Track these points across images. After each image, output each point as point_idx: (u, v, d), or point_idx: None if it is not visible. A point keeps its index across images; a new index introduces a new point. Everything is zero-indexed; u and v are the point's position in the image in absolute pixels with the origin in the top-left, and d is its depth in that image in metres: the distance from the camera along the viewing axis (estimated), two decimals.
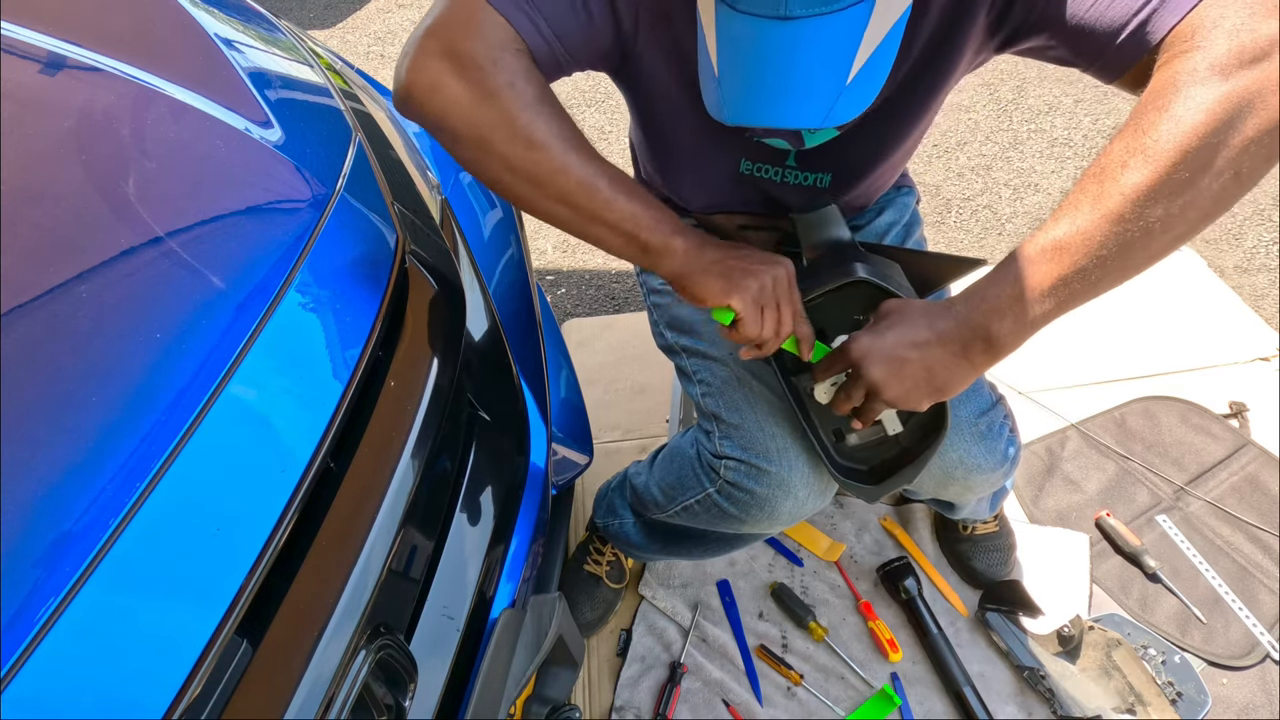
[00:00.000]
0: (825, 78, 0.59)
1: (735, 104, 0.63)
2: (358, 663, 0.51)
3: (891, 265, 0.81)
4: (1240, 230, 1.92)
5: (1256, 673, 1.18)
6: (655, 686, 1.20)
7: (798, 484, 0.86)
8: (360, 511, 0.56)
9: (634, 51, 0.75)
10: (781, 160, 0.86)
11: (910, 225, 1.03)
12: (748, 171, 0.88)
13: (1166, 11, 0.57)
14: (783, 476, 0.86)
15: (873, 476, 0.83)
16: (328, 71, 0.99)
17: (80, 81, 0.77)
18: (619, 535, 1.17)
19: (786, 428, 0.87)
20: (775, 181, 0.88)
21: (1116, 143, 0.58)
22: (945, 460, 0.87)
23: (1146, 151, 0.55)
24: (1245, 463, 1.42)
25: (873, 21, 0.57)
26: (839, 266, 0.78)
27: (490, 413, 0.83)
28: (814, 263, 0.84)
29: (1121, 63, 0.62)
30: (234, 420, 0.52)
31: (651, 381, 1.66)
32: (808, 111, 0.61)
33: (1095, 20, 0.61)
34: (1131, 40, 0.60)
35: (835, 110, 0.61)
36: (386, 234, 0.72)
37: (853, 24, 0.56)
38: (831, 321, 0.79)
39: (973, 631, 1.24)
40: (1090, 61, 0.64)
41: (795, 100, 0.60)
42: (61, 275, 0.55)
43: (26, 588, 0.40)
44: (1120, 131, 0.58)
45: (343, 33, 3.06)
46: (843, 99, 0.61)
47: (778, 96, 0.61)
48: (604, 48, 0.73)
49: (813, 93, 0.60)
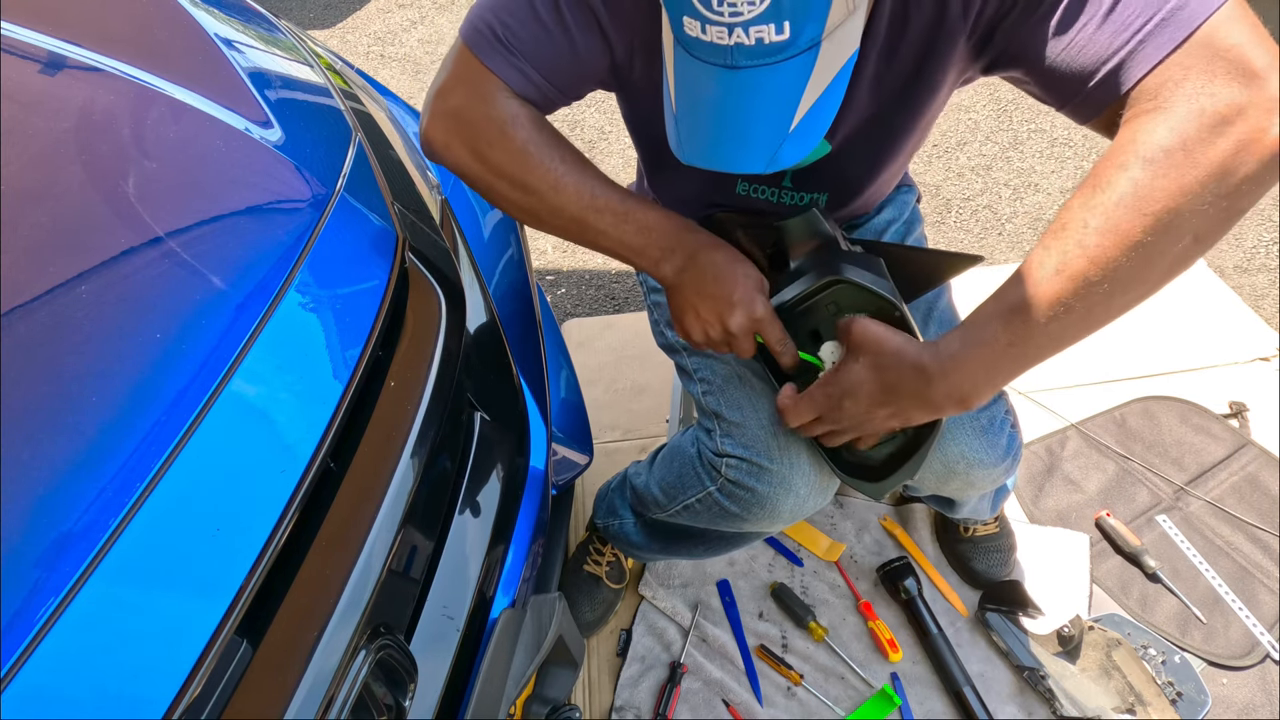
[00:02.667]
0: (768, 125, 0.60)
1: (689, 144, 0.64)
2: (358, 663, 0.51)
3: (875, 262, 0.80)
4: (1240, 230, 1.92)
5: (1256, 673, 1.18)
6: (655, 686, 1.20)
7: (799, 482, 0.86)
8: (360, 511, 0.56)
9: (630, 79, 0.78)
10: (778, 181, 0.88)
11: (910, 223, 1.03)
12: (744, 192, 0.90)
13: (1135, 64, 0.57)
14: (784, 474, 0.86)
15: (874, 473, 0.82)
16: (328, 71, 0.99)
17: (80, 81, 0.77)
18: (619, 535, 1.17)
19: None
20: (772, 201, 0.89)
21: (1077, 199, 0.59)
22: (947, 455, 0.87)
23: (1107, 212, 0.56)
24: (1245, 463, 1.42)
25: (816, 71, 0.57)
26: (822, 267, 0.78)
27: (490, 413, 0.83)
28: (800, 264, 0.84)
29: (1091, 109, 0.62)
30: (234, 420, 0.52)
31: (651, 381, 1.66)
32: (751, 157, 0.62)
33: (1069, 64, 0.61)
34: (1101, 88, 0.60)
35: (779, 156, 0.61)
36: (386, 234, 0.72)
37: (795, 74, 0.57)
38: (823, 320, 0.79)
39: (973, 631, 1.24)
40: (1063, 103, 0.65)
41: (739, 146, 0.61)
42: (61, 275, 0.55)
43: (27, 587, 0.40)
44: (1081, 187, 0.59)
45: (343, 33, 3.06)
46: (786, 145, 0.61)
47: (724, 142, 0.62)
48: (598, 76, 0.78)
49: (756, 139, 0.61)
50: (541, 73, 0.73)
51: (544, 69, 0.73)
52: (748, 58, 0.56)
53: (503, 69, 0.72)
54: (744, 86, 0.58)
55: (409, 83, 2.74)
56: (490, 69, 0.71)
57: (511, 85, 0.72)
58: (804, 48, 0.56)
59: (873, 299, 0.76)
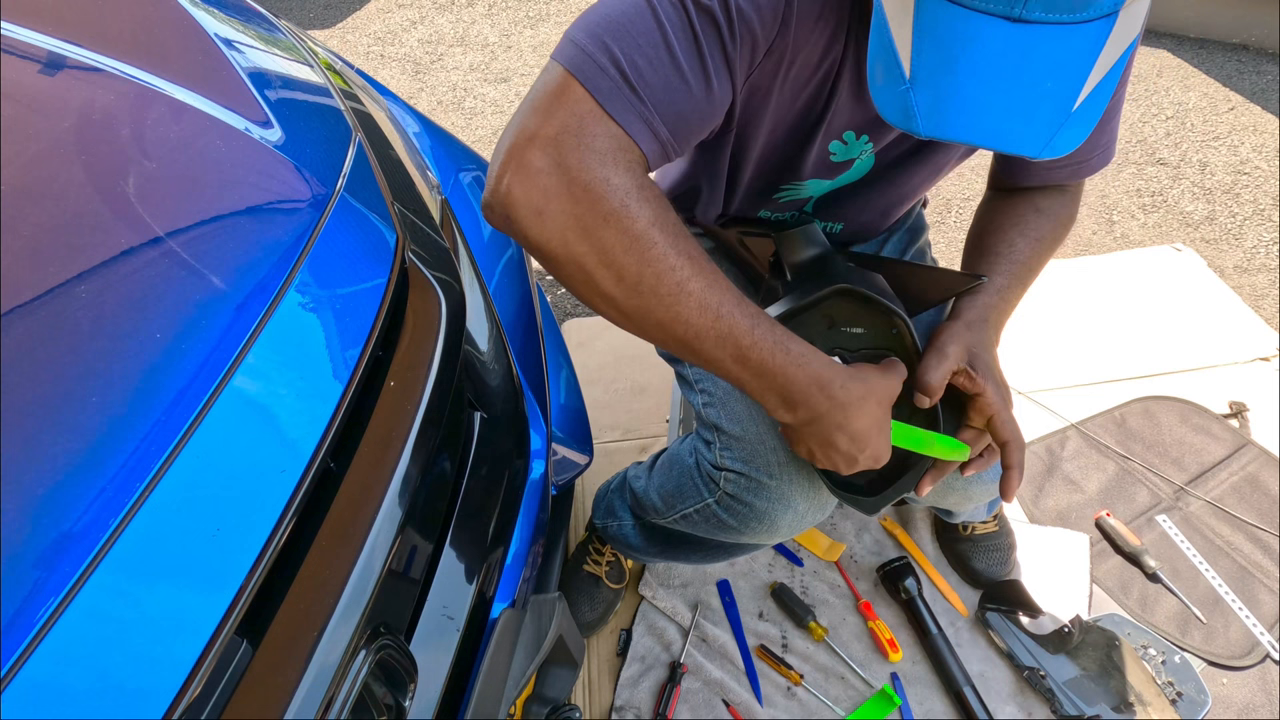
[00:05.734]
0: (1055, 98, 0.51)
1: (935, 114, 0.53)
2: (358, 663, 0.51)
3: (874, 276, 0.80)
4: (1240, 230, 1.92)
5: (1256, 673, 1.18)
6: (655, 686, 1.20)
7: (798, 498, 0.85)
8: (360, 511, 0.56)
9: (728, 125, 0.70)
10: (800, 208, 0.89)
11: (915, 230, 1.03)
12: (766, 215, 0.91)
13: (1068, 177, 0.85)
14: (783, 490, 0.85)
15: (869, 488, 0.82)
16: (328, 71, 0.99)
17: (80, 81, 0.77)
18: (618, 537, 1.17)
19: None
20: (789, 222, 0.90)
21: None
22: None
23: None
24: (1245, 463, 1.42)
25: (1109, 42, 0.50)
26: (821, 280, 0.77)
27: (490, 413, 0.83)
28: (797, 276, 0.84)
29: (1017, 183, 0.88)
30: (234, 420, 0.52)
31: (651, 381, 1.66)
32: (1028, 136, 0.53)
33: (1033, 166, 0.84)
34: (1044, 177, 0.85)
35: (1056, 140, 0.53)
36: (386, 234, 0.72)
37: (1091, 41, 0.49)
38: (818, 333, 0.78)
39: (973, 631, 1.24)
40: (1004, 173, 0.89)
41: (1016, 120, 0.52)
42: (61, 275, 0.55)
43: (26, 588, 0.40)
44: None
45: (343, 33, 3.06)
46: (1066, 127, 0.53)
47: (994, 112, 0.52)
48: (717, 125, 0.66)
49: (1037, 114, 0.52)
50: (669, 127, 0.59)
51: (671, 122, 0.59)
52: (1043, 9, 0.47)
53: (632, 123, 0.56)
54: (1034, 45, 0.49)
55: (409, 83, 2.75)
56: (615, 119, 0.56)
57: (639, 141, 0.57)
58: (1106, 11, 0.48)
59: (871, 310, 0.76)
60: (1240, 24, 2.49)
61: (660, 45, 0.56)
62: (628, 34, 0.56)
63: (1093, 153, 0.81)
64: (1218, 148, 2.17)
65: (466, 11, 3.10)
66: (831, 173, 0.82)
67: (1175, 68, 2.47)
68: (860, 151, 0.79)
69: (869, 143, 0.78)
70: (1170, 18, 2.58)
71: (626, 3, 0.57)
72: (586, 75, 0.56)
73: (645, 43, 0.56)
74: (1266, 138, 2.17)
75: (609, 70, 0.56)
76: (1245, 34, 2.50)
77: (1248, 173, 2.08)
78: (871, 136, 0.77)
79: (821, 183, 0.83)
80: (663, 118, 0.58)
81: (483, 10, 3.10)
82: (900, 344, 0.76)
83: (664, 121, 0.58)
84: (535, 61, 2.80)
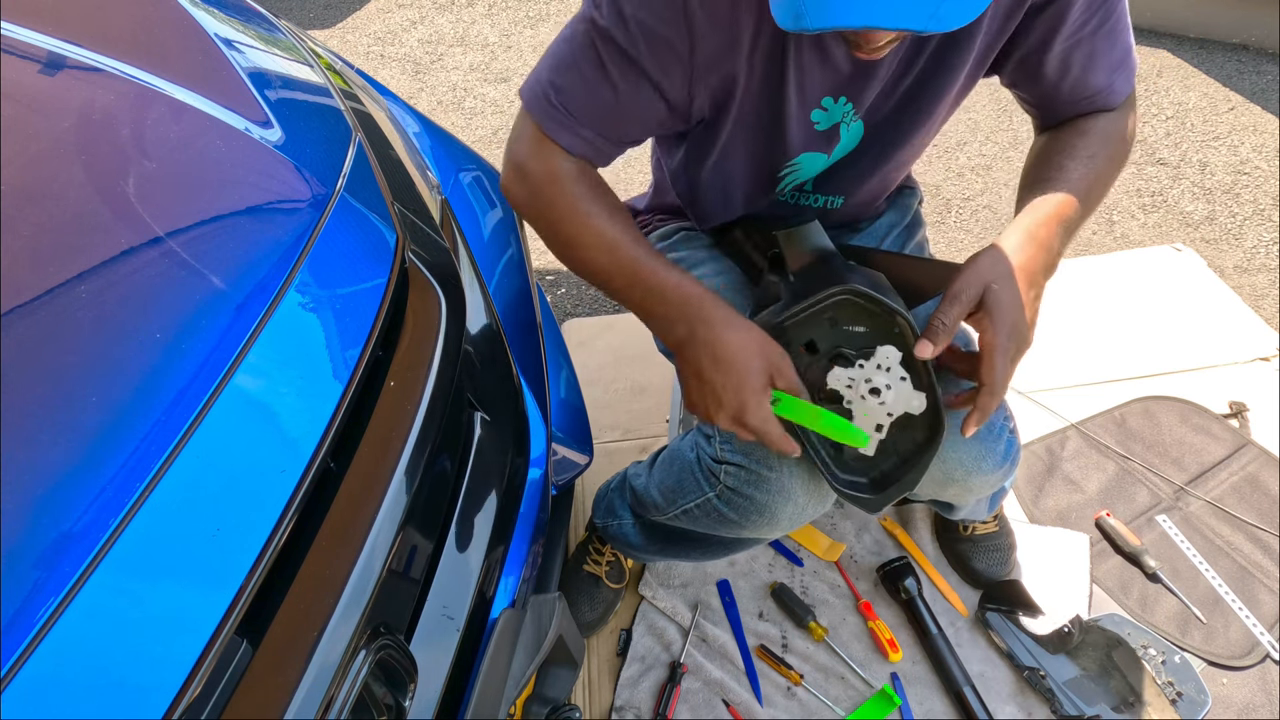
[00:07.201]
0: None
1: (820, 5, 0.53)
2: (358, 663, 0.51)
3: (876, 275, 0.80)
4: (1240, 230, 1.92)
5: (1256, 673, 1.18)
6: (655, 686, 1.20)
7: (798, 490, 0.86)
8: (360, 511, 0.56)
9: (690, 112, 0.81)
10: (802, 185, 0.90)
11: (912, 227, 1.03)
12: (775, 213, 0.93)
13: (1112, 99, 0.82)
14: (783, 483, 0.85)
15: (873, 486, 0.81)
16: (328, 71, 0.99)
17: (80, 81, 0.77)
18: (618, 536, 1.17)
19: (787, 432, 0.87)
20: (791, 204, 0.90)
21: None
22: (945, 462, 0.87)
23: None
24: (1245, 463, 1.42)
25: None
26: (824, 280, 0.77)
27: (490, 413, 0.83)
28: (800, 275, 0.84)
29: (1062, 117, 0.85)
30: (234, 420, 0.52)
31: (651, 381, 1.66)
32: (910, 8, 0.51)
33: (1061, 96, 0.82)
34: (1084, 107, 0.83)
35: (942, 10, 0.51)
36: (386, 234, 0.72)
37: None
38: (821, 332, 0.78)
39: (973, 631, 1.24)
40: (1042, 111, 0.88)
41: None
42: (61, 275, 0.55)
43: (26, 588, 0.40)
44: None
45: (343, 33, 3.06)
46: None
47: None
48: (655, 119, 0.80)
49: None
50: (592, 128, 0.78)
51: (593, 124, 0.78)
52: None
53: (555, 131, 0.77)
54: None
55: (409, 83, 2.75)
56: (551, 136, 0.78)
57: (563, 145, 0.78)
58: None
59: (874, 310, 0.76)
60: (1240, 24, 2.49)
61: (576, 69, 0.75)
62: (559, 67, 0.76)
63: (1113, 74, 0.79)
64: (1218, 148, 2.17)
65: (466, 11, 3.10)
66: (824, 145, 0.83)
67: (1175, 68, 2.47)
68: (843, 114, 0.80)
69: (849, 104, 0.79)
70: (1170, 18, 2.58)
71: (561, 40, 0.77)
72: (530, 104, 0.79)
73: (566, 69, 0.76)
74: (1266, 138, 2.17)
75: (548, 97, 0.77)
76: (1245, 34, 2.50)
77: (1248, 173, 2.08)
78: (850, 97, 0.79)
79: (817, 157, 0.84)
80: (589, 125, 0.78)
81: (483, 10, 3.10)
82: (902, 342, 0.76)
83: (588, 126, 0.78)
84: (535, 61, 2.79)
